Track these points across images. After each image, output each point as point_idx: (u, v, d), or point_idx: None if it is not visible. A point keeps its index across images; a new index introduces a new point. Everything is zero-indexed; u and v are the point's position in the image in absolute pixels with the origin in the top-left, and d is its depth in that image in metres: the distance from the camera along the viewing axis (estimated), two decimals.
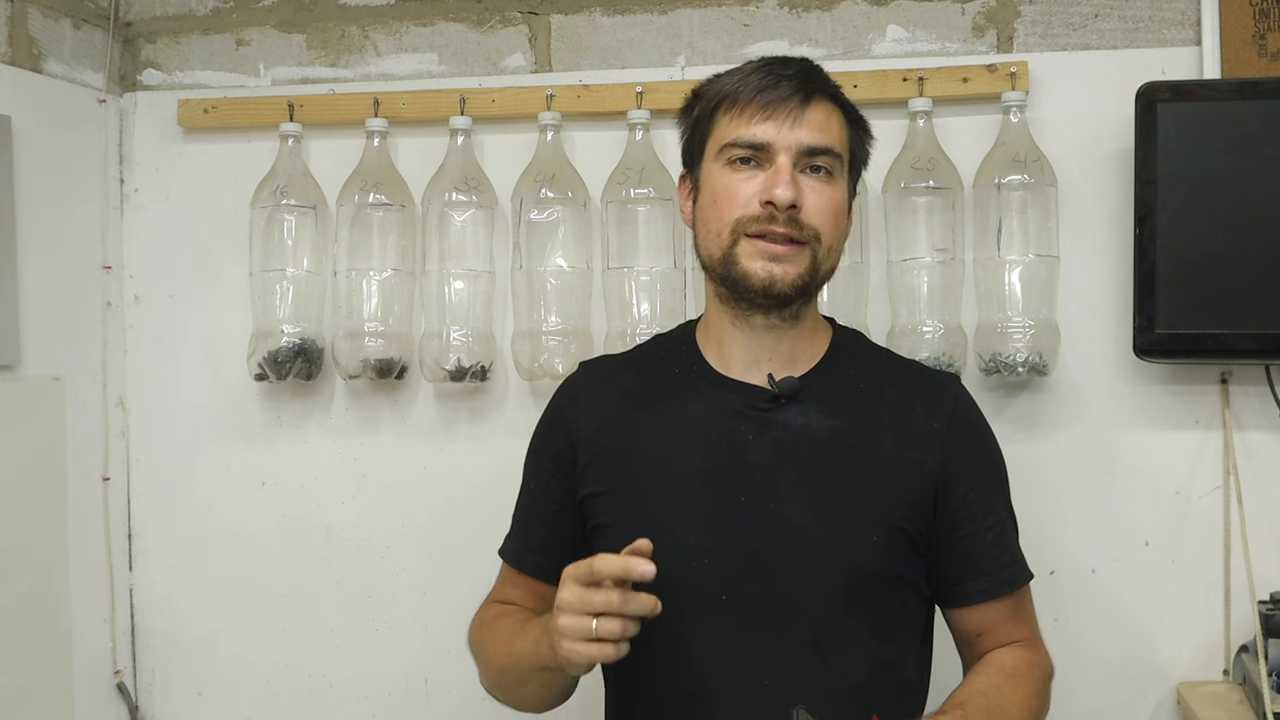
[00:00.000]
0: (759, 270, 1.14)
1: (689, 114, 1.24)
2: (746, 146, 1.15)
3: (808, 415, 1.18)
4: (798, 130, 1.15)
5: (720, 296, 1.21)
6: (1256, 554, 1.57)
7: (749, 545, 1.14)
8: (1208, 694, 1.54)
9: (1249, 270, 1.49)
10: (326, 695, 1.80)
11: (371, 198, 1.70)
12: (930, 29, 1.67)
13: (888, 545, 1.16)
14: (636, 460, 1.20)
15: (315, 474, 1.80)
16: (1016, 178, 1.56)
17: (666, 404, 1.22)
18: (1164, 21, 1.62)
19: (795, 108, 1.15)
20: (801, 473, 1.16)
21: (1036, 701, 1.20)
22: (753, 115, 1.15)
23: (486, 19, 1.78)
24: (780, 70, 1.17)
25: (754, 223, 1.14)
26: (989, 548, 1.21)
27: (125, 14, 1.86)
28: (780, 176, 1.13)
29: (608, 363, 1.34)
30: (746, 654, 1.13)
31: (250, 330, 1.73)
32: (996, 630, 1.22)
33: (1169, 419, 1.61)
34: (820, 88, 1.18)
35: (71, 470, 1.74)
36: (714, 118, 1.19)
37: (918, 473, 1.18)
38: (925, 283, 1.59)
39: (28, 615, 1.65)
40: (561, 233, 1.66)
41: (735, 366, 1.21)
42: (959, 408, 1.23)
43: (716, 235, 1.17)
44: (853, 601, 1.14)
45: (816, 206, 1.15)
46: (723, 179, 1.17)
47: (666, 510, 1.17)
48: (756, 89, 1.16)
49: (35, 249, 1.67)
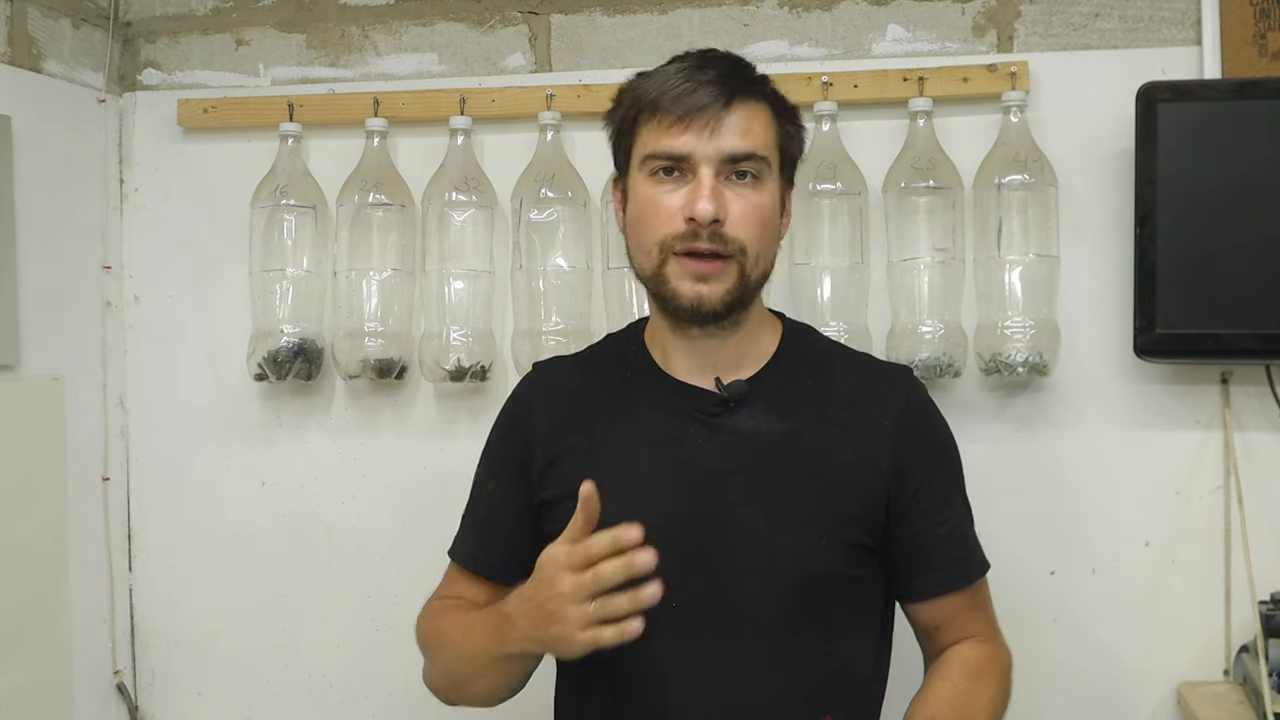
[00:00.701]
0: (686, 291, 1.13)
1: (613, 120, 1.21)
2: (666, 158, 1.13)
3: (757, 418, 1.17)
4: (718, 139, 1.11)
5: (658, 306, 1.20)
6: (1257, 554, 1.57)
7: (699, 550, 1.13)
8: (1208, 694, 1.53)
9: (1249, 270, 1.49)
10: (326, 695, 1.80)
11: (371, 197, 1.70)
12: (930, 29, 1.67)
13: (840, 547, 1.15)
14: (590, 464, 1.18)
15: (315, 474, 1.80)
16: (1016, 178, 1.56)
17: (618, 406, 1.21)
18: (1164, 21, 1.62)
19: (715, 114, 1.11)
20: (751, 477, 1.15)
21: (1001, 700, 1.19)
22: (671, 125, 1.12)
23: (486, 19, 1.78)
24: (698, 75, 1.13)
25: (679, 240, 1.12)
26: (943, 542, 1.20)
27: (125, 14, 1.86)
28: (701, 190, 1.10)
29: (561, 364, 1.33)
30: (698, 659, 1.12)
31: (250, 330, 1.73)
32: (955, 623, 1.22)
33: (1169, 419, 1.61)
34: (742, 88, 1.14)
35: (71, 470, 1.74)
36: (635, 126, 1.16)
37: (869, 471, 1.17)
38: (925, 283, 1.59)
39: (28, 615, 1.65)
40: (561, 233, 1.66)
41: (681, 370, 1.21)
42: (910, 402, 1.22)
43: (646, 253, 1.15)
44: (804, 605, 1.14)
45: (741, 216, 1.12)
46: (646, 192, 1.15)
47: (617, 515, 1.13)
48: (675, 97, 1.12)
49: (35, 249, 1.67)
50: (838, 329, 1.58)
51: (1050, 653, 1.62)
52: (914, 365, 1.56)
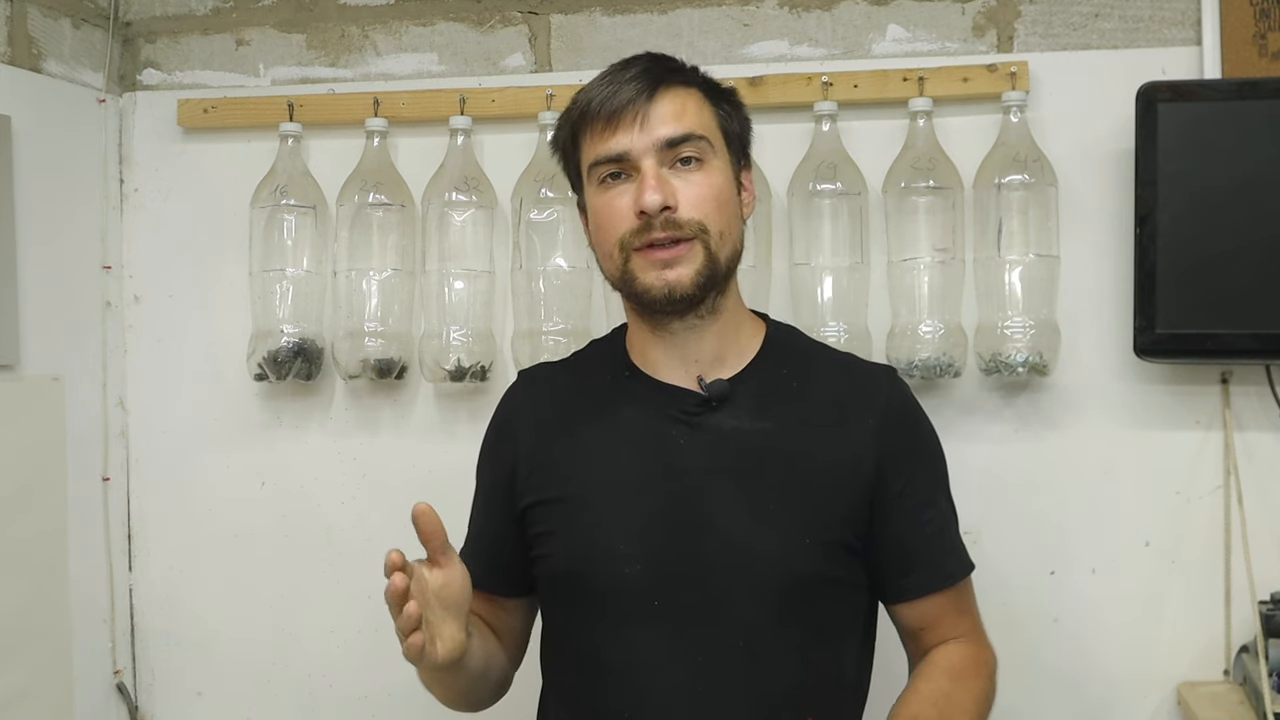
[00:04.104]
0: (655, 282, 1.13)
1: (557, 145, 1.23)
2: (608, 162, 1.14)
3: (739, 418, 1.17)
4: (649, 129, 1.13)
5: (635, 310, 1.21)
6: (1257, 554, 1.57)
7: (681, 551, 1.13)
8: (1208, 694, 1.53)
9: (1249, 270, 1.49)
10: (326, 695, 1.80)
11: (371, 197, 1.70)
12: (930, 29, 1.67)
13: (822, 549, 1.15)
14: (573, 467, 1.20)
15: (315, 474, 1.80)
16: (1017, 178, 1.56)
17: (601, 410, 1.22)
18: (1164, 21, 1.61)
19: (640, 107, 1.13)
20: (733, 477, 1.15)
21: (985, 701, 1.19)
22: (603, 129, 1.14)
23: (486, 19, 1.78)
24: (620, 76, 1.15)
25: (636, 236, 1.13)
26: (927, 542, 1.21)
27: (125, 14, 1.86)
28: (645, 182, 1.12)
29: (546, 370, 1.33)
30: (679, 660, 1.12)
31: (250, 330, 1.73)
32: (940, 624, 1.22)
33: (1169, 419, 1.61)
34: (663, 77, 1.15)
35: (71, 470, 1.74)
36: (577, 142, 1.19)
37: (852, 472, 1.17)
38: (925, 283, 1.59)
39: (28, 615, 1.65)
40: (561, 233, 1.66)
41: (662, 370, 1.21)
42: (892, 402, 1.22)
43: (610, 258, 1.16)
44: (786, 606, 1.13)
45: (691, 199, 1.13)
46: (599, 200, 1.16)
47: (600, 517, 1.16)
48: (601, 101, 1.14)
49: (35, 249, 1.67)
50: (838, 329, 1.58)
51: (1050, 653, 1.62)
52: (914, 365, 1.57)
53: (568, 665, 1.20)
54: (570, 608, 1.20)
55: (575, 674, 1.18)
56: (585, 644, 1.17)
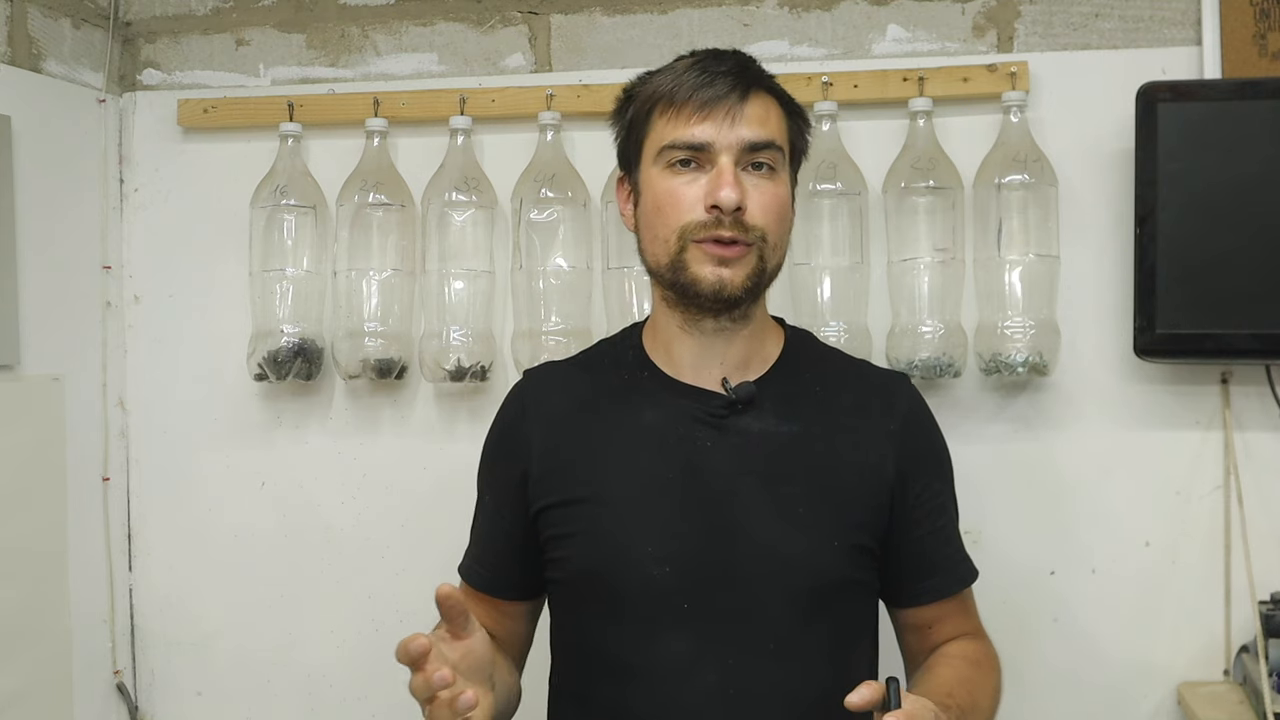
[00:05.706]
0: (708, 275, 1.12)
1: (622, 116, 1.21)
2: (686, 148, 1.13)
3: (765, 421, 1.17)
4: (738, 128, 1.12)
5: (668, 301, 1.19)
6: (1257, 554, 1.57)
7: (710, 553, 1.13)
8: (1208, 694, 1.53)
9: (1249, 270, 1.49)
10: (326, 695, 1.80)
11: (371, 197, 1.70)
12: (930, 29, 1.67)
13: (848, 551, 1.15)
14: (592, 469, 1.18)
15: (315, 474, 1.80)
16: (1017, 178, 1.56)
17: (619, 411, 1.20)
18: (1164, 21, 1.62)
19: (733, 104, 1.12)
20: (761, 479, 1.15)
21: (999, 694, 1.22)
22: (690, 115, 1.12)
23: (486, 19, 1.78)
24: (715, 66, 1.14)
25: (701, 229, 1.12)
26: (943, 547, 1.22)
27: (125, 14, 1.86)
28: (724, 178, 1.11)
29: (554, 369, 1.31)
30: (709, 663, 1.12)
31: (250, 330, 1.73)
32: (946, 623, 1.24)
33: (1169, 419, 1.61)
34: (757, 80, 1.15)
35: (71, 470, 1.74)
36: (649, 120, 1.16)
37: (875, 476, 1.18)
38: (925, 283, 1.59)
39: (28, 615, 1.65)
40: (561, 233, 1.66)
41: (686, 371, 1.20)
42: (911, 408, 1.23)
43: (664, 242, 1.14)
44: (814, 609, 1.13)
45: (761, 205, 1.13)
46: (664, 184, 1.14)
47: (626, 519, 1.15)
48: (692, 88, 1.13)
49: (35, 249, 1.67)
50: (838, 329, 1.58)
51: (1050, 653, 1.62)
52: (914, 365, 1.57)
53: (586, 670, 1.18)
54: (590, 611, 1.17)
55: (594, 678, 1.17)
56: (606, 647, 1.15)
